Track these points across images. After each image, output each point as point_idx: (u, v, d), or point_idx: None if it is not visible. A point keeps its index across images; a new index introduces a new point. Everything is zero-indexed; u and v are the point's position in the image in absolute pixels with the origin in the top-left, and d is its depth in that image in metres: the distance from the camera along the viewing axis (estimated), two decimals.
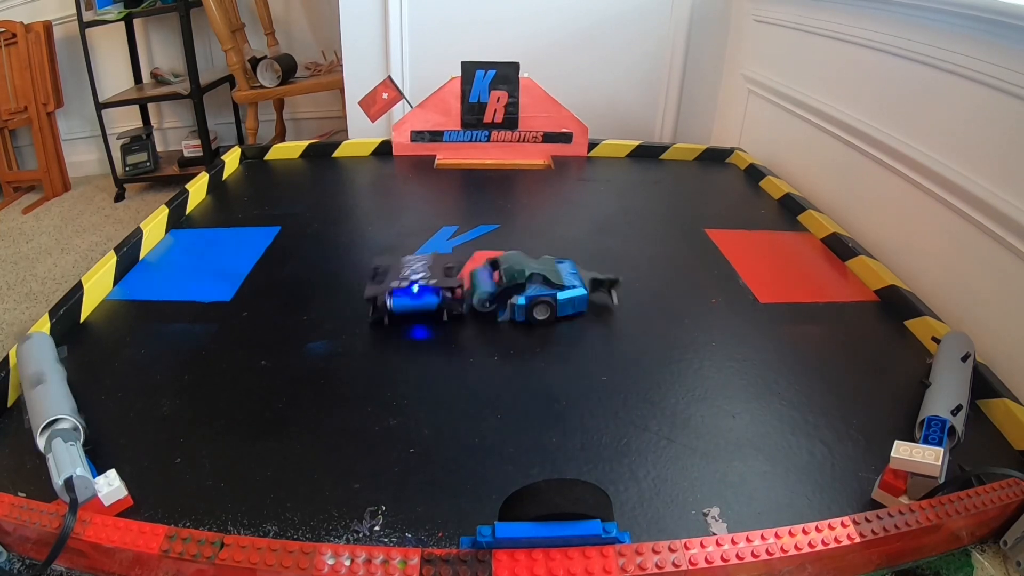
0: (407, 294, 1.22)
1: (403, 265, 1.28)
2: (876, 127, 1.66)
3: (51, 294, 2.17)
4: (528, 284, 1.26)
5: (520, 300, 1.26)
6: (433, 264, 1.28)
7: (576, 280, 1.32)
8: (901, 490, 0.88)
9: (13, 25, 2.84)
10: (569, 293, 1.29)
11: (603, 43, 2.52)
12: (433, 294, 1.23)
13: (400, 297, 1.22)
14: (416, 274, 1.24)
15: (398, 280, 1.23)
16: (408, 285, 1.21)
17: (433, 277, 1.24)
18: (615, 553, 0.70)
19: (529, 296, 1.26)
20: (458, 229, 1.69)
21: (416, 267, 1.26)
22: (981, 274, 1.31)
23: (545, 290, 1.27)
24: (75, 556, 0.77)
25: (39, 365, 1.04)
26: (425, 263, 1.28)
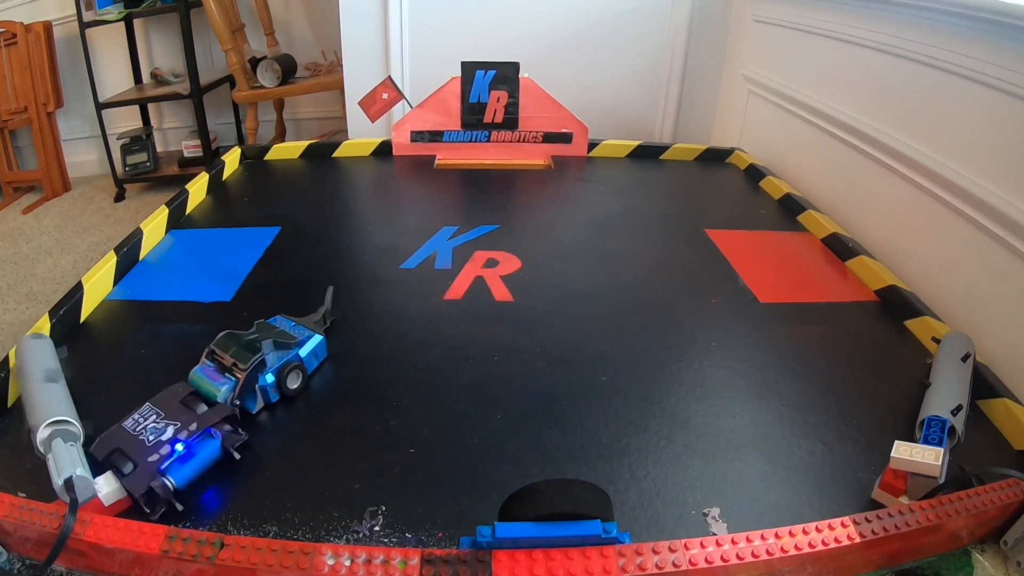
0: (179, 460, 0.87)
1: (132, 433, 0.89)
2: (876, 127, 1.66)
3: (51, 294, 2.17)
4: (264, 357, 1.03)
5: (267, 378, 1.03)
6: (167, 409, 0.93)
7: (300, 330, 1.15)
8: (901, 490, 0.88)
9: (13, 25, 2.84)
10: (308, 345, 1.12)
11: (603, 43, 2.52)
12: (206, 439, 0.90)
13: (176, 469, 0.86)
14: (163, 433, 0.88)
15: (151, 452, 0.86)
16: (170, 451, 0.86)
17: (187, 422, 0.90)
18: (615, 553, 0.70)
19: (274, 369, 1.04)
20: (458, 229, 1.70)
21: (153, 425, 0.90)
22: (981, 274, 1.31)
23: (285, 354, 1.07)
24: (75, 556, 0.77)
25: (39, 366, 1.04)
26: (157, 415, 0.92)
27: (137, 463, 0.85)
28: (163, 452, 0.86)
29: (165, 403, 0.94)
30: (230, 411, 0.94)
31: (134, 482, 0.83)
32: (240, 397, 1.01)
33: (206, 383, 1.01)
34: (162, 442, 0.87)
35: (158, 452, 0.86)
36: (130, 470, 0.84)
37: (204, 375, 1.02)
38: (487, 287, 1.43)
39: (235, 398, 1.00)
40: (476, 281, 1.45)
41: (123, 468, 0.85)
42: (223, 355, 1.04)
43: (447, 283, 1.44)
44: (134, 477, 0.84)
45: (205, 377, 1.02)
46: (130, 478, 0.84)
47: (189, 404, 0.94)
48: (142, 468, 0.84)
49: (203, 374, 1.02)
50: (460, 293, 1.41)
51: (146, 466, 0.84)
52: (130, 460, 0.85)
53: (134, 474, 0.84)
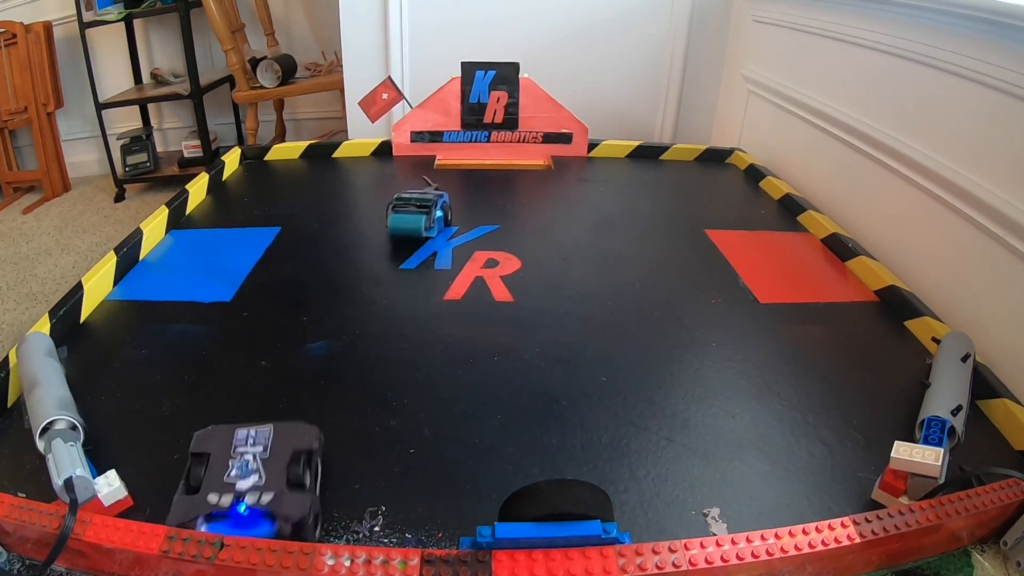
0: (228, 521, 0.76)
1: (231, 451, 0.81)
2: (876, 127, 1.66)
3: (51, 294, 2.17)
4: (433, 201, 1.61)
5: (437, 213, 1.62)
6: (275, 451, 0.82)
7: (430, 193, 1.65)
8: (901, 490, 0.88)
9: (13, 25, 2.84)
10: (444, 197, 1.68)
11: (603, 43, 2.52)
12: (265, 520, 0.76)
13: (215, 527, 0.76)
14: (244, 475, 0.78)
15: (217, 489, 0.77)
16: (230, 506, 0.76)
17: (271, 485, 0.78)
18: (615, 553, 0.70)
19: (441, 205, 1.65)
20: (458, 229, 1.70)
21: (248, 455, 0.80)
22: (981, 274, 1.31)
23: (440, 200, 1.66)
24: (75, 556, 0.77)
25: (39, 366, 1.04)
26: (264, 448, 0.82)
27: (198, 487, 0.78)
28: (223, 501, 0.76)
29: (280, 444, 0.83)
30: (304, 512, 0.77)
31: (180, 507, 0.76)
32: (430, 225, 1.58)
33: (407, 218, 1.57)
34: (234, 487, 0.77)
35: (221, 494, 0.76)
36: (188, 490, 0.78)
37: (401, 214, 1.57)
38: (487, 287, 1.43)
39: (428, 226, 1.58)
40: (476, 281, 1.45)
41: (190, 480, 0.79)
42: (408, 203, 1.59)
43: (447, 283, 1.44)
44: (187, 501, 0.77)
45: (403, 216, 1.57)
46: (184, 501, 0.77)
47: (292, 466, 0.80)
48: (198, 500, 0.76)
49: (400, 214, 1.58)
50: (460, 293, 1.41)
51: (201, 501, 0.76)
52: (200, 479, 0.78)
53: (185, 498, 0.77)
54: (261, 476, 0.78)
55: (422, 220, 1.55)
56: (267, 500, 0.76)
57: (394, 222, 1.56)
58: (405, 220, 1.56)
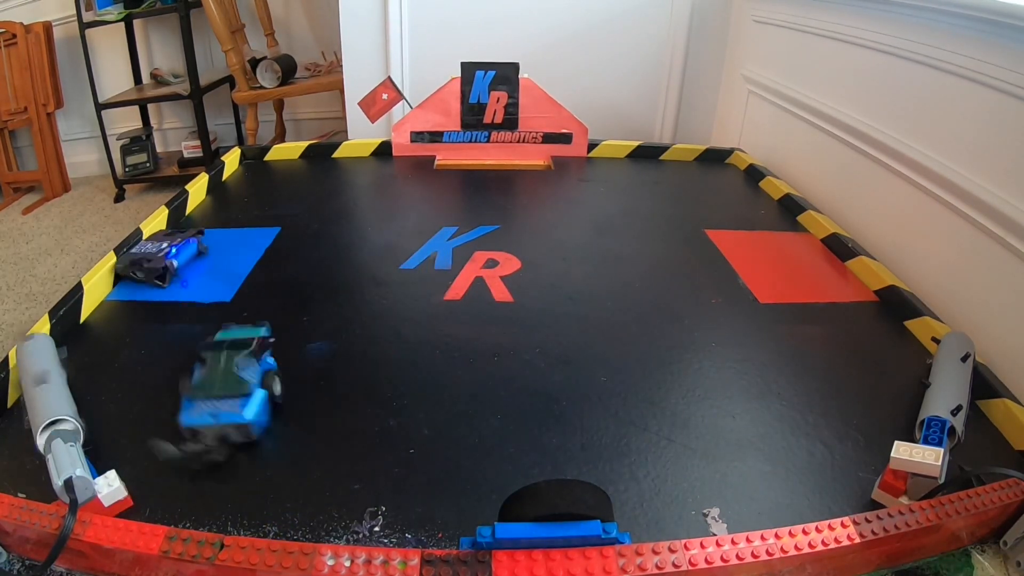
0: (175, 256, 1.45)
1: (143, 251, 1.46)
2: (876, 128, 1.66)
3: (51, 295, 2.17)
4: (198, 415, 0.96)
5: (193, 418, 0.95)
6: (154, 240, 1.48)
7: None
8: (901, 490, 0.88)
9: (13, 26, 2.84)
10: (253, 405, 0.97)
11: (603, 43, 2.52)
12: (184, 246, 1.48)
13: (173, 256, 1.44)
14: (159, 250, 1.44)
15: (157, 255, 1.44)
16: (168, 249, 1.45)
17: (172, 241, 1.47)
18: (615, 553, 0.70)
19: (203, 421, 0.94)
20: (458, 230, 1.69)
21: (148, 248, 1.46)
22: (981, 274, 1.31)
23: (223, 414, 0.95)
24: (75, 557, 0.77)
25: (39, 366, 1.04)
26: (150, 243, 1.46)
27: (151, 260, 1.41)
28: (163, 252, 1.43)
29: (152, 241, 1.50)
30: (193, 231, 1.54)
31: (155, 264, 1.40)
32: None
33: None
34: (163, 249, 1.44)
35: (161, 253, 1.42)
36: (148, 263, 1.40)
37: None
38: (487, 287, 1.43)
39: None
40: (476, 281, 1.45)
41: (142, 264, 1.40)
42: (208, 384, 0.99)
43: (447, 283, 1.44)
44: (153, 263, 1.40)
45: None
46: (151, 264, 1.40)
47: (165, 238, 1.50)
48: (156, 261, 1.41)
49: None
50: (460, 293, 1.41)
51: (157, 260, 1.41)
52: (146, 260, 1.41)
53: (153, 262, 1.40)
54: (163, 243, 1.49)
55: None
56: (176, 241, 1.50)
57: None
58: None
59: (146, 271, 1.39)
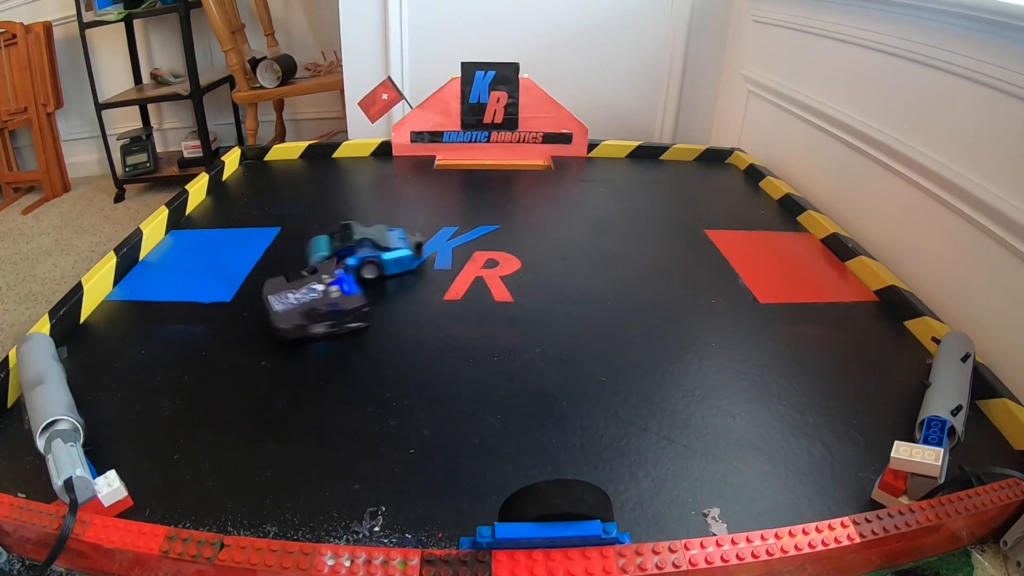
0: (343, 282, 1.28)
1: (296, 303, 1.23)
2: (876, 127, 1.66)
3: (51, 295, 2.17)
4: (358, 248, 1.41)
5: (351, 261, 1.40)
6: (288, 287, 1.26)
7: (402, 243, 1.47)
8: (901, 490, 0.88)
9: (13, 26, 2.84)
10: (395, 254, 1.44)
11: (603, 44, 2.52)
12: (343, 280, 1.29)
13: (343, 283, 1.28)
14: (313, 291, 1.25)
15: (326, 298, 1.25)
16: (337, 281, 1.28)
17: (318, 277, 1.28)
18: (615, 553, 0.70)
19: (359, 257, 1.41)
20: (458, 230, 1.70)
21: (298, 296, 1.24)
22: (981, 274, 1.31)
23: (371, 252, 1.42)
24: (75, 557, 0.77)
25: (39, 366, 1.04)
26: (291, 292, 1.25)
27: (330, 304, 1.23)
28: (331, 294, 1.24)
29: (280, 287, 1.26)
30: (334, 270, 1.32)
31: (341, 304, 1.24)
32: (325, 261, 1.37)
33: (314, 244, 1.46)
34: (327, 290, 1.25)
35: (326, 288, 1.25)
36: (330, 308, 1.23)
37: (319, 240, 1.47)
38: (487, 287, 1.43)
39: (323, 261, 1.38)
40: (476, 281, 1.45)
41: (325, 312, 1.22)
42: (338, 233, 1.46)
43: (447, 283, 1.44)
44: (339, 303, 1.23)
45: (317, 241, 1.47)
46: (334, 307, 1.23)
47: (294, 280, 1.28)
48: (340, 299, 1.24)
49: (319, 239, 1.48)
50: (460, 293, 1.41)
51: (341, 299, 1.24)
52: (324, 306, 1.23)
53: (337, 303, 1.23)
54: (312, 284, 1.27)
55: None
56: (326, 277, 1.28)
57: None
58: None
59: (338, 316, 1.23)
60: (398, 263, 1.45)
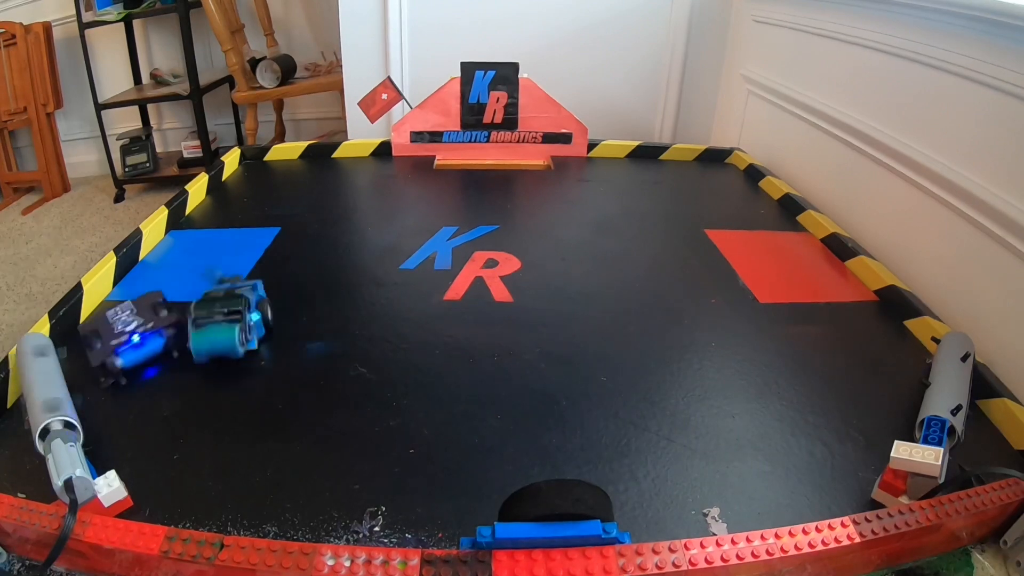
0: (131, 347, 1.13)
1: (112, 321, 1.17)
2: (876, 127, 1.66)
3: (51, 295, 2.17)
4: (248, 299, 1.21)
5: (253, 316, 1.20)
6: (140, 308, 1.20)
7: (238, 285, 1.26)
8: (901, 490, 0.88)
9: (13, 26, 2.84)
10: (258, 288, 1.27)
11: (602, 43, 2.52)
12: (156, 336, 1.16)
13: (127, 353, 1.13)
14: (129, 325, 1.16)
15: (115, 337, 1.13)
16: (127, 338, 1.13)
17: (147, 321, 1.17)
18: (615, 553, 0.70)
19: (255, 304, 1.22)
20: (458, 230, 1.69)
21: (125, 318, 1.17)
22: (981, 274, 1.31)
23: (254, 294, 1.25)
24: (75, 557, 0.77)
25: (38, 366, 1.04)
26: (131, 311, 1.19)
27: (103, 343, 1.12)
28: (122, 340, 1.13)
29: (142, 304, 1.20)
30: (179, 318, 1.17)
31: (96, 356, 1.10)
32: (245, 339, 1.16)
33: (213, 333, 1.14)
34: (124, 332, 1.14)
35: (119, 338, 1.12)
36: (97, 347, 1.11)
37: (204, 330, 1.14)
38: (487, 287, 1.43)
39: (246, 339, 1.17)
40: (476, 281, 1.45)
41: (93, 344, 1.11)
42: (207, 314, 1.15)
43: (447, 283, 1.44)
44: (97, 352, 1.11)
45: (209, 329, 1.14)
46: (95, 352, 1.11)
47: (156, 308, 1.19)
48: (105, 347, 1.11)
49: (203, 330, 1.14)
50: (460, 293, 1.41)
51: (107, 347, 1.11)
52: (100, 339, 1.12)
53: (98, 350, 1.11)
54: (137, 321, 1.16)
55: (235, 333, 1.14)
56: (150, 326, 1.16)
57: (198, 343, 1.13)
58: (211, 338, 1.14)
59: (93, 353, 1.12)
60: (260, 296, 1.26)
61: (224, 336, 1.13)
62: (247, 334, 1.17)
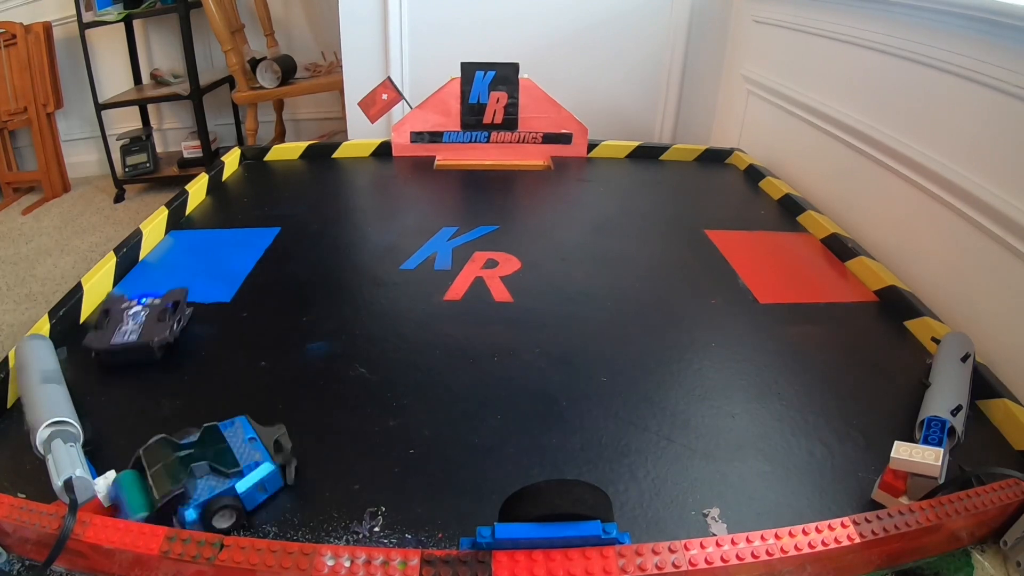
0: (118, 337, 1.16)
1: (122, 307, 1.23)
2: (876, 128, 1.66)
3: (51, 295, 2.17)
4: (192, 485, 0.82)
5: (189, 514, 0.80)
6: (153, 308, 1.22)
7: (256, 447, 0.89)
8: (901, 490, 0.88)
9: (13, 26, 2.84)
10: (252, 477, 0.86)
11: (603, 44, 2.53)
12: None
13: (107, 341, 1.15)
14: (136, 319, 1.20)
15: (114, 329, 1.17)
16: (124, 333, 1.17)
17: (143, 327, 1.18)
18: (615, 554, 0.70)
19: (199, 504, 0.81)
20: (458, 230, 1.69)
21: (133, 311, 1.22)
22: (981, 274, 1.31)
23: (218, 485, 0.83)
24: (75, 557, 0.77)
25: (38, 366, 1.04)
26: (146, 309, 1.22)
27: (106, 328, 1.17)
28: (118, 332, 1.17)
29: (156, 305, 1.23)
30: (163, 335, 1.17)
31: (92, 340, 1.15)
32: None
33: (128, 492, 0.82)
34: (124, 331, 1.17)
35: (117, 330, 1.17)
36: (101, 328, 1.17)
37: (127, 486, 0.83)
38: (487, 288, 1.43)
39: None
40: (476, 282, 1.45)
41: (101, 323, 1.19)
42: (147, 467, 0.84)
43: (447, 283, 1.44)
44: (94, 337, 1.16)
45: (128, 488, 0.83)
46: (92, 336, 1.16)
47: (163, 316, 1.21)
48: (101, 335, 1.16)
49: (128, 484, 0.83)
50: (460, 294, 1.41)
51: (105, 336, 1.16)
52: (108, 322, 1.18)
53: (96, 336, 1.16)
54: (140, 327, 1.18)
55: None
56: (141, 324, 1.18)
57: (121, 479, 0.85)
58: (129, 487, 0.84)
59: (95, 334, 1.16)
60: (263, 487, 0.87)
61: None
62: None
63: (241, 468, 0.85)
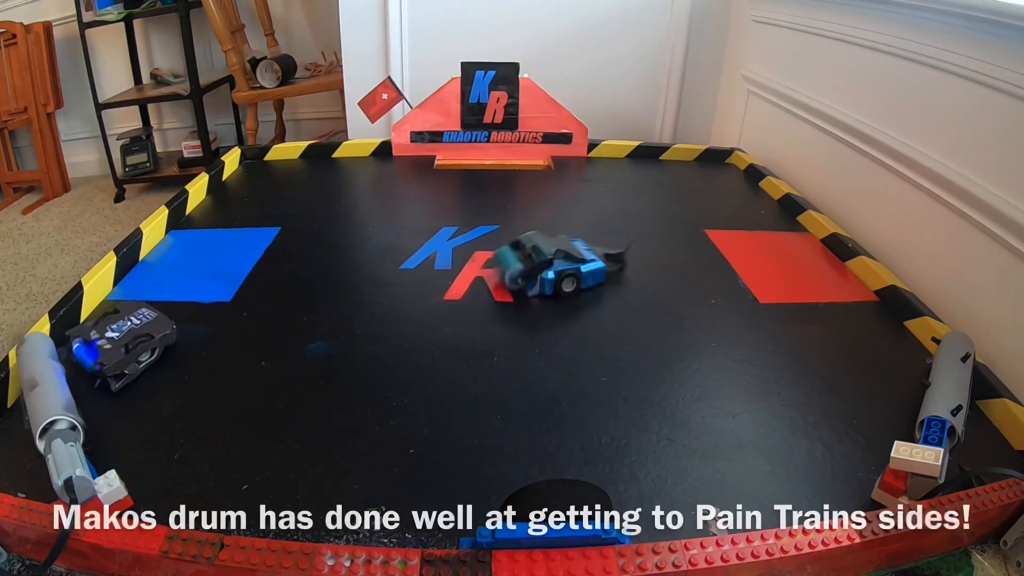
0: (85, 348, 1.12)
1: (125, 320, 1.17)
2: (875, 127, 1.66)
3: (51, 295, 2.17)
4: (553, 260, 1.35)
5: (549, 275, 1.35)
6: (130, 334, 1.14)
7: (592, 255, 1.43)
8: (901, 490, 0.88)
9: (13, 26, 2.84)
10: (591, 266, 1.40)
11: (603, 44, 2.52)
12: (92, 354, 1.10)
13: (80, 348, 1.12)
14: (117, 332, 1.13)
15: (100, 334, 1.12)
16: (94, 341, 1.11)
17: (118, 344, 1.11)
18: (615, 553, 0.70)
19: (557, 271, 1.35)
20: (458, 230, 1.69)
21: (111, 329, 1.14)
22: (981, 274, 1.31)
23: (569, 264, 1.37)
24: (75, 557, 0.77)
25: (39, 366, 1.04)
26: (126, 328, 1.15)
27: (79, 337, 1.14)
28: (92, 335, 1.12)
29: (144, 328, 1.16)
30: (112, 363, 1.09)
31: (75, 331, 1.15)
32: (521, 277, 1.35)
33: (502, 258, 1.39)
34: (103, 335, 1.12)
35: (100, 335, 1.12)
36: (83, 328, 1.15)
37: (506, 253, 1.39)
38: (487, 287, 1.43)
39: (519, 277, 1.35)
40: (476, 281, 1.45)
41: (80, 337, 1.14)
42: (525, 245, 1.37)
43: (447, 283, 1.44)
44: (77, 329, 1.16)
45: (505, 254, 1.39)
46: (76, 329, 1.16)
47: (132, 346, 1.12)
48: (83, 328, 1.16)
49: (506, 252, 1.39)
50: (460, 293, 1.41)
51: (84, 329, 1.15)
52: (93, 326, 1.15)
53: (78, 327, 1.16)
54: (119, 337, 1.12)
55: (512, 268, 1.36)
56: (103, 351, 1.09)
57: (501, 252, 1.40)
58: (505, 257, 1.39)
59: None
60: (594, 276, 1.41)
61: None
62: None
63: (584, 259, 1.41)
